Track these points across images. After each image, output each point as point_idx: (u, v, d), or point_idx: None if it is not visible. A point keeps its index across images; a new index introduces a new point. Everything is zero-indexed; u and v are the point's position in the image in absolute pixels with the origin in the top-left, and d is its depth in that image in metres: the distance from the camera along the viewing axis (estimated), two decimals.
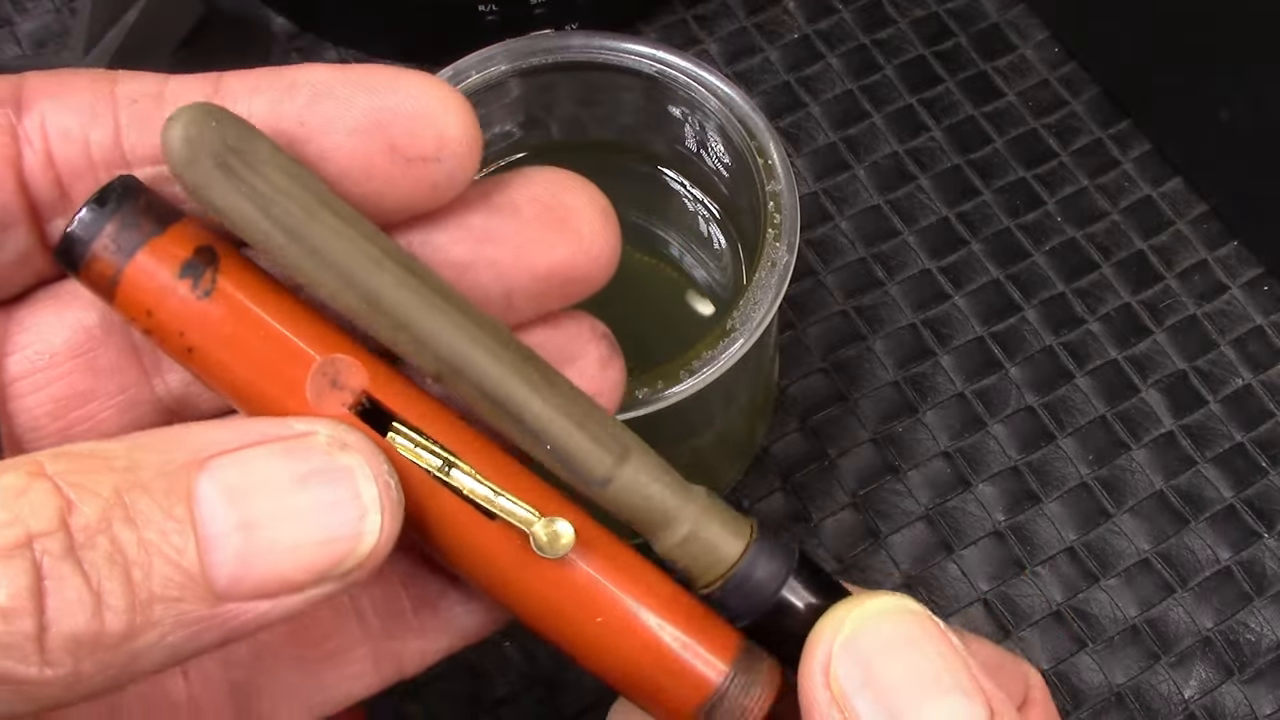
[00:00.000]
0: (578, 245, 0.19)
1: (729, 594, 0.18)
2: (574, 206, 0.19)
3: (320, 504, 0.15)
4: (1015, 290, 0.37)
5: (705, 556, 0.18)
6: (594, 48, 0.29)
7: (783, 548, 0.18)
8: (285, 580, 0.15)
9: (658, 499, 0.18)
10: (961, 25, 0.41)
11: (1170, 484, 0.35)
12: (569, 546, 0.17)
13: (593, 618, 0.18)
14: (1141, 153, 0.39)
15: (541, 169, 0.19)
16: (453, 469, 0.17)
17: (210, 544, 0.15)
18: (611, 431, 0.18)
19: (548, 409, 0.17)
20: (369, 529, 0.16)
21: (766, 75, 0.40)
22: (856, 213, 0.38)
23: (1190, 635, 0.33)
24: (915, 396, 0.36)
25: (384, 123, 0.17)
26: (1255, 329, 0.37)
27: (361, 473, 0.16)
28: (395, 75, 0.17)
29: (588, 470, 0.18)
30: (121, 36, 0.34)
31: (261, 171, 0.16)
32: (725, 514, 0.18)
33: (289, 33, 0.40)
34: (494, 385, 0.17)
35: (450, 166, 0.17)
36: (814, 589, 0.18)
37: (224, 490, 0.15)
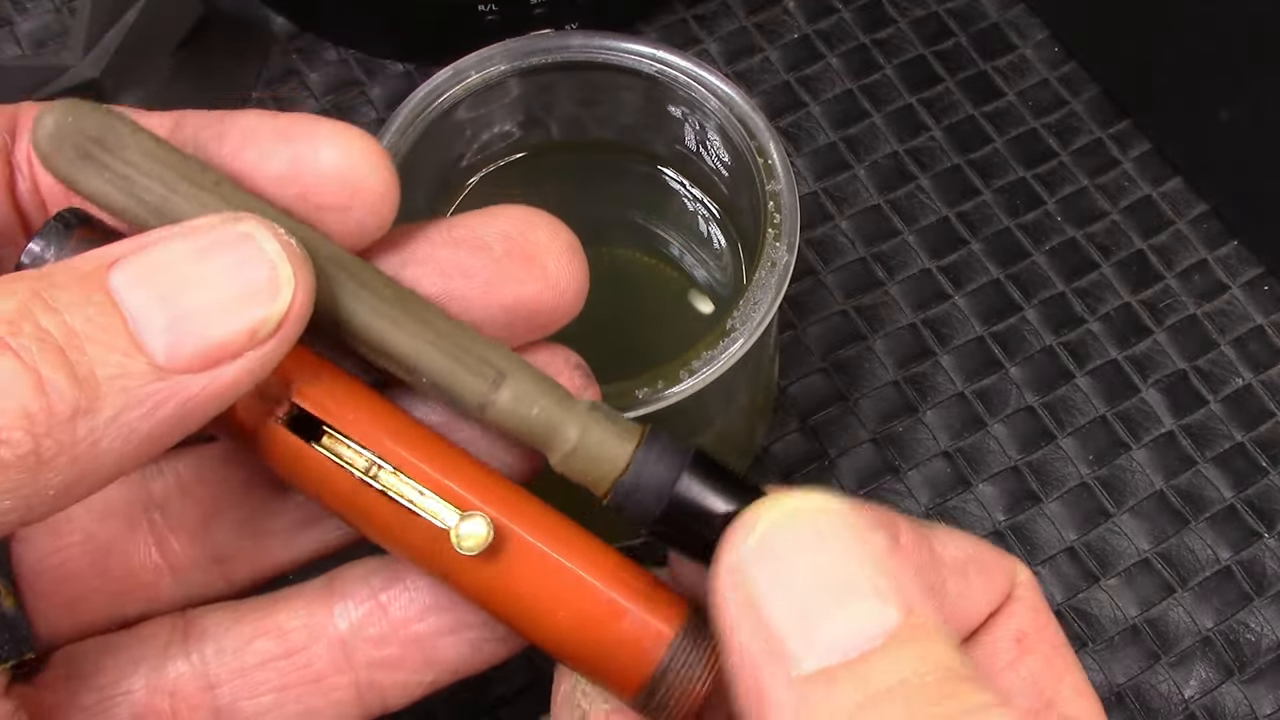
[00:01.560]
0: (544, 281, 0.19)
1: (623, 499, 0.18)
2: (540, 243, 0.19)
3: (228, 266, 0.16)
4: (1015, 290, 0.37)
5: (595, 466, 0.18)
6: (594, 48, 0.29)
7: (675, 448, 0.18)
8: (220, 343, 0.16)
9: (538, 417, 0.18)
10: (961, 25, 0.41)
11: (1170, 484, 0.35)
12: (484, 542, 0.17)
13: (530, 599, 0.18)
14: (1141, 152, 0.39)
15: (510, 207, 0.20)
16: (380, 471, 0.18)
17: (136, 321, 0.16)
18: (486, 359, 0.18)
19: (416, 342, 0.18)
20: (282, 278, 0.16)
21: (766, 75, 0.40)
22: (856, 212, 0.38)
23: (1190, 635, 0.33)
24: (915, 396, 0.36)
25: (298, 172, 0.18)
26: (1255, 329, 0.37)
27: (259, 234, 0.17)
28: (314, 126, 0.18)
29: (464, 398, 0.18)
30: (121, 36, 0.34)
31: (123, 156, 0.17)
32: (612, 423, 0.18)
33: (289, 33, 0.40)
34: (362, 325, 0.18)
35: (360, 216, 0.18)
36: (716, 486, 0.18)
37: (135, 276, 0.16)
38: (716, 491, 0.18)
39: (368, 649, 0.20)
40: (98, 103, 0.17)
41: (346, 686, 0.20)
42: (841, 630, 0.15)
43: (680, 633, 0.18)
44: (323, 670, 0.20)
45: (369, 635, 0.20)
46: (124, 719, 0.19)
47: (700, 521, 0.18)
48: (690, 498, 0.18)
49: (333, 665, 0.20)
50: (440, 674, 0.20)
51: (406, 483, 0.18)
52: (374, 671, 0.20)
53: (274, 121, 0.18)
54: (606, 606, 0.18)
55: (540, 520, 0.18)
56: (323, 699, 0.20)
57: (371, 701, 0.20)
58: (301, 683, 0.20)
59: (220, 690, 0.20)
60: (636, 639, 0.18)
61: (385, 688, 0.20)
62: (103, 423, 0.15)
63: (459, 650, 0.20)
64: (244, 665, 0.20)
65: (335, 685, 0.20)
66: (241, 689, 0.20)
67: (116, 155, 0.17)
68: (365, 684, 0.20)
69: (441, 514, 0.18)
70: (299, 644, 0.20)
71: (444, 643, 0.20)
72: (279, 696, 0.20)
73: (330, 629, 0.20)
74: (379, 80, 0.40)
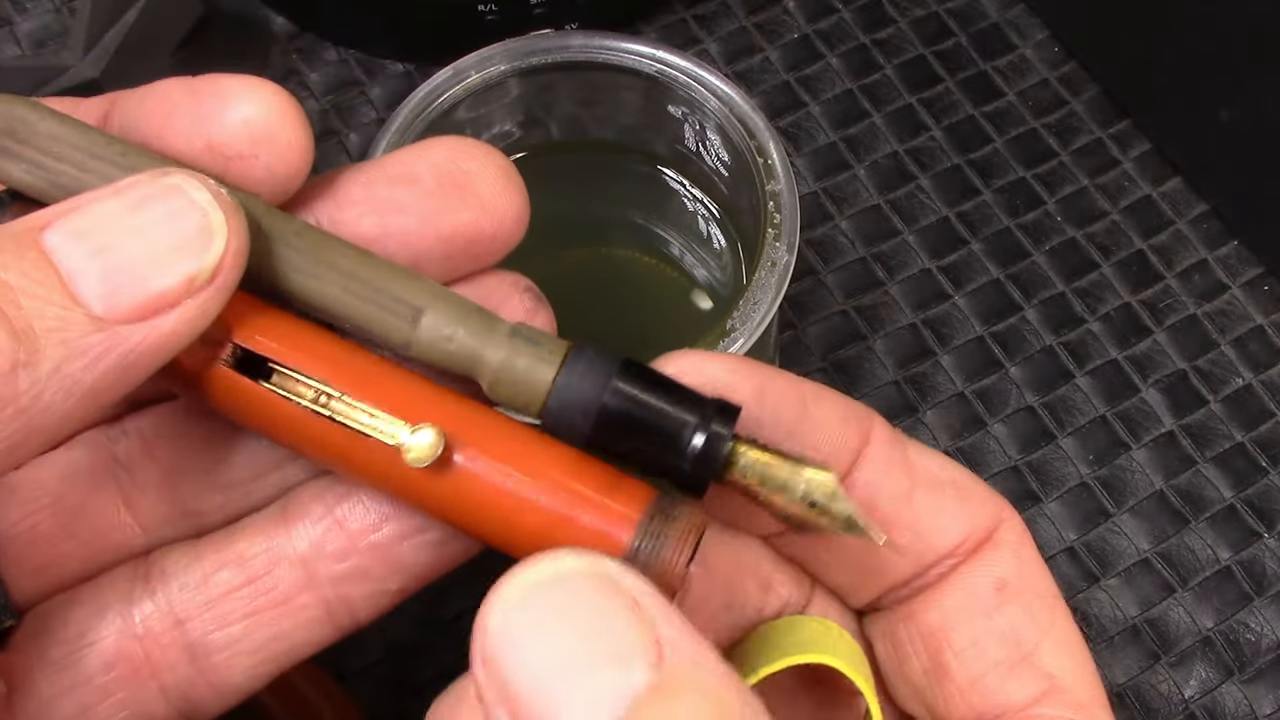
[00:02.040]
0: (479, 209, 0.19)
1: (555, 416, 0.18)
2: (472, 171, 0.19)
3: (160, 217, 0.17)
4: (1015, 290, 0.37)
5: (523, 388, 0.18)
6: (594, 47, 0.29)
7: (601, 361, 0.18)
8: (157, 293, 0.16)
9: (458, 347, 0.18)
10: (961, 25, 0.41)
11: (1170, 484, 0.35)
12: (434, 451, 0.17)
13: (489, 506, 0.18)
14: (1141, 152, 0.39)
15: (441, 138, 0.20)
16: (329, 400, 0.18)
17: (71, 275, 0.16)
18: (401, 298, 0.18)
19: (331, 290, 0.18)
20: (215, 224, 0.17)
21: (766, 75, 0.40)
22: (856, 212, 0.38)
23: (1190, 635, 0.33)
24: (915, 396, 0.36)
25: (205, 125, 0.18)
26: (1255, 329, 0.37)
27: (188, 184, 0.17)
28: (219, 80, 0.18)
29: (387, 340, 0.18)
30: (121, 36, 0.34)
31: (34, 143, 0.18)
32: (534, 344, 0.18)
33: (289, 33, 0.40)
34: (279, 279, 0.18)
35: (268, 162, 0.18)
36: (648, 390, 0.17)
37: (68, 234, 0.16)
38: (649, 401, 0.17)
39: (330, 565, 0.20)
40: (4, 94, 0.18)
41: (314, 605, 0.20)
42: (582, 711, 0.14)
43: (646, 516, 0.17)
44: (288, 592, 0.20)
45: (329, 551, 0.20)
46: (95, 668, 0.20)
47: (639, 435, 0.17)
48: (622, 410, 0.17)
49: (297, 585, 0.20)
50: (406, 580, 0.20)
51: (355, 405, 0.18)
52: (339, 586, 0.20)
53: (187, 83, 0.18)
54: (565, 502, 0.17)
55: (491, 427, 0.18)
56: (292, 620, 0.20)
57: (342, 616, 0.20)
58: (269, 607, 0.20)
59: (189, 625, 0.20)
60: (601, 529, 0.17)
61: (353, 600, 0.20)
62: (44, 375, 0.15)
63: (420, 555, 0.20)
64: (210, 598, 0.20)
65: (303, 605, 0.20)
66: (210, 621, 0.20)
67: (28, 143, 0.18)
68: (333, 599, 0.20)
69: (391, 430, 0.18)
70: (261, 569, 0.20)
71: (404, 548, 0.20)
72: (248, 624, 0.20)
73: (290, 550, 0.20)
74: (379, 80, 0.40)
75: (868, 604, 0.22)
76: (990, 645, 0.20)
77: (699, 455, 0.17)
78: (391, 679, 0.32)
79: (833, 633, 0.21)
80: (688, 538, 0.17)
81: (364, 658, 0.32)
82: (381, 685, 0.32)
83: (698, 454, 0.17)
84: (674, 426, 0.17)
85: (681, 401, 0.18)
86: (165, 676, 0.20)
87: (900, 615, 0.21)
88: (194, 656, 0.20)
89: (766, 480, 0.18)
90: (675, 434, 0.17)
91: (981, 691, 0.20)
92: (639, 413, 0.17)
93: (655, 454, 0.18)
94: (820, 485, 0.18)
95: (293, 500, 0.20)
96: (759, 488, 0.18)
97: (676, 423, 0.17)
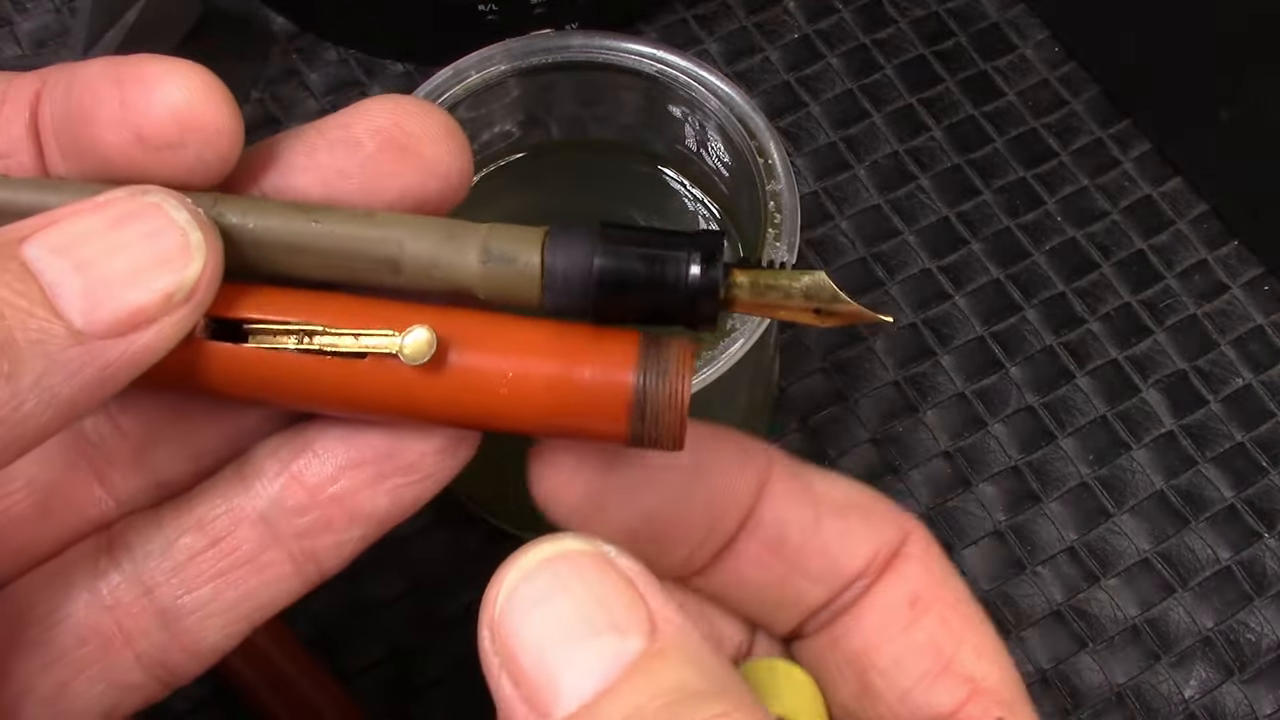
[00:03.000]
0: (422, 170, 0.19)
1: (554, 298, 0.18)
2: (414, 131, 0.19)
3: (140, 234, 0.17)
4: (1015, 290, 0.37)
5: (514, 280, 0.18)
6: (594, 47, 0.29)
7: (579, 229, 0.18)
8: (136, 309, 0.16)
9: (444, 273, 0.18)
10: (961, 25, 0.41)
11: (1170, 484, 0.35)
12: (429, 346, 0.18)
13: (492, 388, 0.18)
14: (1141, 152, 0.39)
15: (381, 98, 0.20)
16: (314, 337, 0.18)
17: (54, 288, 0.16)
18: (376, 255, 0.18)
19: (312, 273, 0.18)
20: (194, 243, 0.17)
21: (766, 75, 0.40)
22: (857, 212, 0.38)
23: (1190, 635, 0.33)
24: (915, 396, 0.36)
25: (131, 114, 0.18)
26: (1256, 329, 0.37)
27: (167, 203, 0.17)
28: (145, 65, 0.18)
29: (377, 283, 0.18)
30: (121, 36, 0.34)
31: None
32: (513, 230, 0.18)
33: (289, 32, 0.40)
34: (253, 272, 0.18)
35: (198, 150, 0.18)
36: (633, 241, 0.18)
37: (49, 247, 0.16)
38: (638, 251, 0.18)
39: (291, 519, 0.20)
40: None
41: (281, 561, 0.20)
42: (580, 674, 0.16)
43: (641, 352, 0.18)
44: (252, 550, 0.20)
45: (289, 506, 0.20)
46: (69, 643, 0.20)
47: (640, 287, 0.18)
48: (615, 267, 0.18)
49: (261, 543, 0.20)
50: (368, 528, 0.20)
51: (340, 334, 0.18)
52: (302, 540, 0.20)
53: (111, 68, 0.18)
54: (563, 363, 0.18)
55: (474, 318, 0.18)
56: (259, 578, 0.20)
57: (309, 569, 0.20)
58: (235, 567, 0.20)
59: (159, 592, 0.20)
60: (604, 378, 0.18)
61: (318, 552, 0.20)
62: (25, 387, 0.15)
63: (379, 502, 0.20)
64: (175, 564, 0.20)
65: (269, 562, 0.20)
66: (178, 586, 0.20)
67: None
68: (297, 553, 0.20)
69: (382, 342, 0.18)
70: (224, 530, 0.20)
71: (363, 497, 0.20)
72: (216, 585, 0.20)
73: (250, 509, 0.20)
74: (379, 80, 0.40)
75: (791, 631, 0.22)
76: (912, 660, 0.21)
77: (700, 286, 0.18)
78: (392, 679, 0.32)
79: (779, 675, 0.21)
80: (685, 361, 0.18)
81: (364, 658, 0.32)
82: (382, 685, 0.32)
83: (698, 285, 0.18)
84: (670, 266, 0.18)
85: (668, 241, 0.18)
86: (139, 644, 0.20)
87: (824, 642, 0.22)
88: (165, 622, 0.20)
89: (766, 296, 0.18)
90: (673, 273, 0.18)
91: (910, 705, 0.21)
92: (633, 264, 0.18)
93: (658, 300, 0.18)
94: (819, 290, 0.18)
95: (248, 459, 0.21)
96: (761, 305, 0.18)
97: (671, 261, 0.18)
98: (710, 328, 0.18)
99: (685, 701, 0.15)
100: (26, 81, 0.19)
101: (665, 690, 0.15)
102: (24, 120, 0.19)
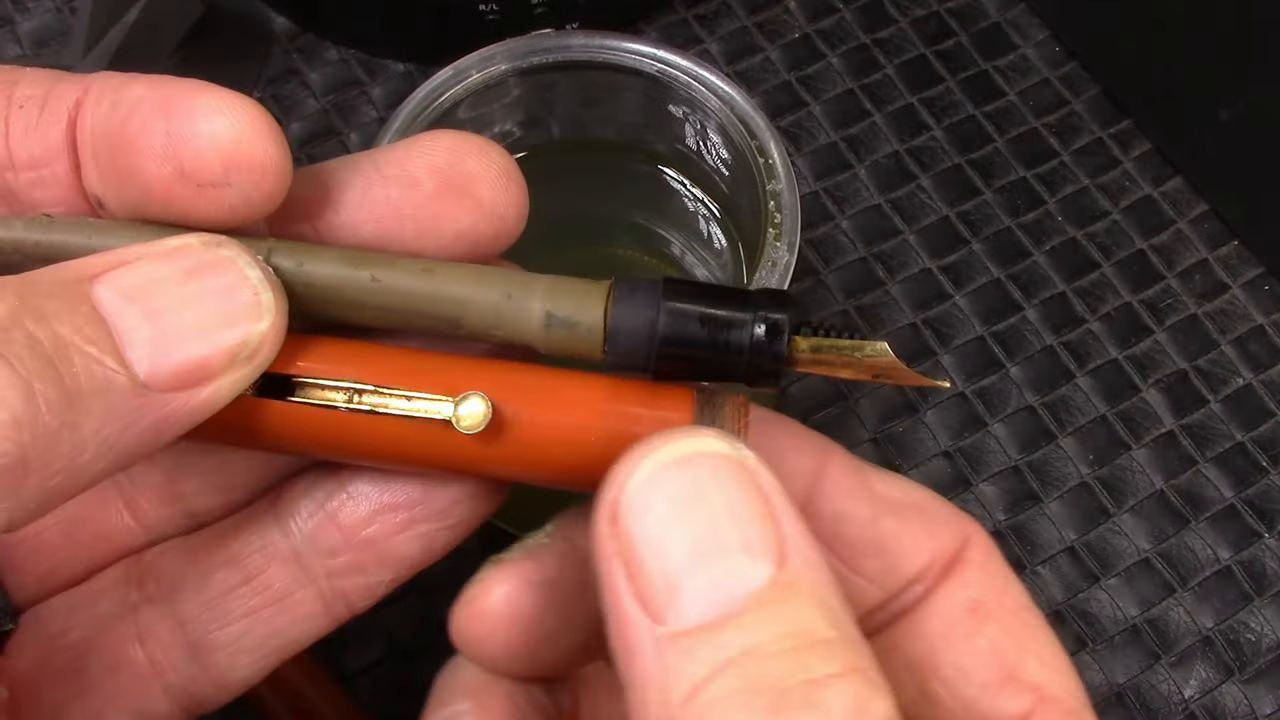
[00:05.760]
0: (479, 212, 0.19)
1: (618, 354, 0.18)
2: (472, 173, 0.19)
3: (213, 289, 0.16)
4: (1016, 290, 0.37)
5: (576, 341, 0.18)
6: (594, 47, 0.29)
7: (643, 285, 0.18)
8: (201, 364, 0.16)
9: (505, 334, 0.18)
10: (962, 25, 0.41)
11: (1170, 484, 0.35)
12: (485, 418, 0.17)
13: (547, 451, 0.18)
14: (1141, 152, 0.39)
15: (440, 133, 0.19)
16: (363, 395, 0.18)
17: (123, 336, 0.16)
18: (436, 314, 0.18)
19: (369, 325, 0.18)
20: (264, 302, 0.17)
21: (767, 74, 0.40)
22: (857, 212, 0.38)
23: (1190, 635, 0.33)
24: (916, 396, 0.36)
25: (176, 148, 0.17)
26: (1256, 328, 0.37)
27: (242, 259, 0.17)
28: (193, 95, 0.17)
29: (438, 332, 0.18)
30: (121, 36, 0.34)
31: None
32: (574, 287, 0.18)
33: (289, 32, 0.40)
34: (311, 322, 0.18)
35: (243, 190, 0.17)
36: (697, 299, 0.18)
37: (121, 292, 0.16)
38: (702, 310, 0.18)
39: (323, 560, 0.20)
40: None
41: (311, 600, 0.20)
42: (704, 590, 0.15)
43: (696, 409, 0.18)
44: (285, 588, 0.20)
45: (322, 547, 0.20)
46: (99, 673, 0.20)
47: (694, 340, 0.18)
48: (679, 326, 0.18)
49: (294, 582, 0.20)
50: (399, 571, 0.20)
51: (391, 393, 0.18)
52: (334, 580, 0.20)
53: (158, 91, 0.17)
54: (618, 421, 0.18)
55: (527, 376, 0.18)
56: (289, 615, 0.20)
57: (338, 608, 0.21)
58: (267, 604, 0.20)
59: (190, 626, 0.20)
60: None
61: (348, 593, 0.20)
62: (85, 436, 0.15)
63: (411, 547, 0.20)
64: (208, 599, 0.20)
65: (300, 600, 0.20)
66: (210, 621, 0.20)
67: None
68: (328, 593, 0.20)
69: (435, 407, 0.17)
70: (257, 568, 0.20)
71: (396, 542, 0.20)
72: (248, 622, 0.20)
73: (285, 548, 0.20)
74: (379, 80, 0.40)
75: None
76: (974, 668, 0.20)
77: (763, 347, 0.18)
78: (392, 679, 0.32)
79: None
80: (740, 417, 0.18)
81: (365, 658, 0.32)
82: (382, 686, 0.32)
83: (762, 345, 0.18)
84: (734, 331, 0.18)
85: (732, 300, 0.18)
86: (168, 676, 0.20)
87: (883, 647, 0.21)
88: (195, 655, 0.20)
89: (831, 361, 0.18)
90: (737, 339, 0.18)
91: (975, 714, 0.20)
92: (696, 328, 0.18)
93: (721, 361, 0.18)
94: (882, 363, 0.18)
95: (283, 496, 0.20)
96: (824, 368, 0.18)
97: (736, 325, 0.18)
98: (774, 388, 0.18)
99: (810, 650, 0.14)
100: (69, 87, 0.18)
101: (791, 632, 0.14)
102: (62, 128, 0.18)
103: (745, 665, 0.14)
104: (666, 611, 0.15)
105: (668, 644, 0.15)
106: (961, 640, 0.20)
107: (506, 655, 0.19)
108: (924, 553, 0.20)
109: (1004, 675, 0.20)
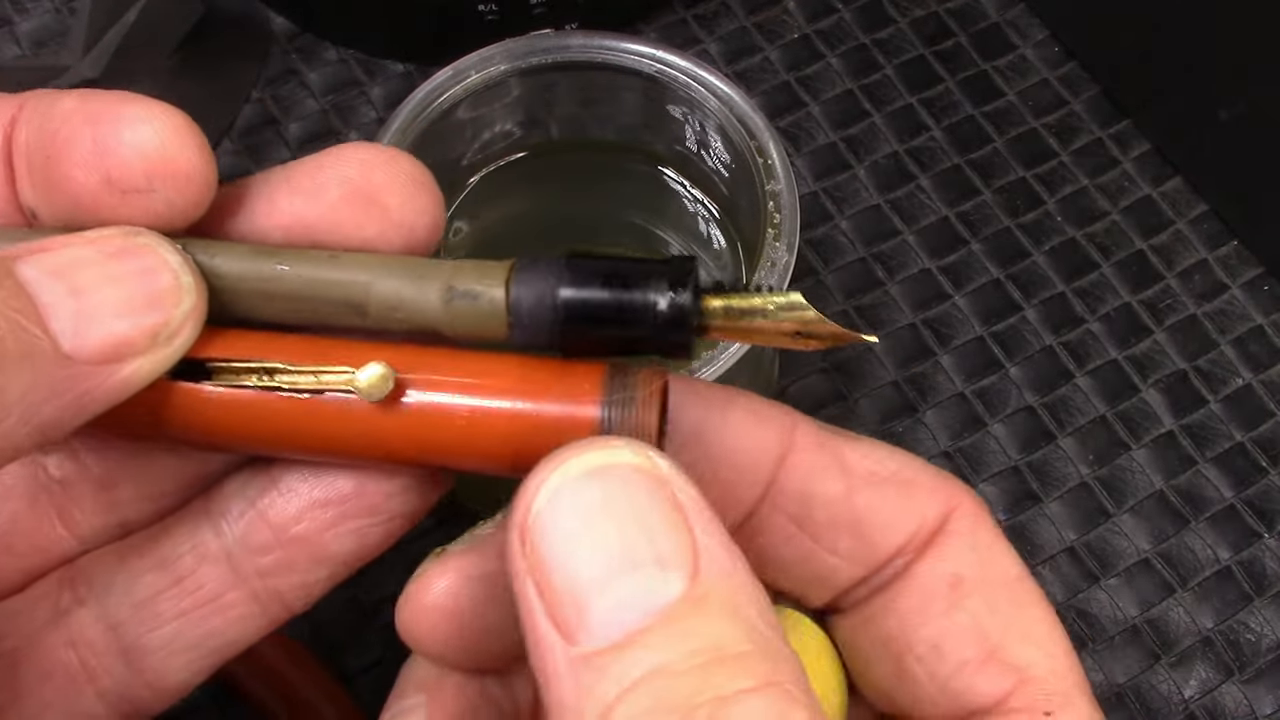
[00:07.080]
0: (385, 222, 0.19)
1: (521, 333, 0.18)
2: (380, 182, 0.19)
3: (135, 270, 0.17)
4: (1015, 290, 0.37)
5: (479, 316, 0.18)
6: (594, 47, 0.29)
7: (545, 261, 0.18)
8: (123, 340, 0.16)
9: (407, 315, 0.18)
10: (961, 25, 0.41)
11: (1170, 484, 0.35)
12: (386, 381, 0.17)
13: (452, 424, 0.18)
14: (1141, 152, 0.39)
15: (355, 146, 0.19)
16: (273, 375, 0.18)
17: (47, 309, 0.16)
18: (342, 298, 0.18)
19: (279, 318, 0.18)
20: (185, 285, 0.17)
21: (766, 75, 0.40)
22: (856, 212, 0.38)
23: (1190, 635, 0.33)
24: (915, 396, 0.36)
25: (102, 156, 0.17)
26: (1255, 328, 0.37)
27: (160, 245, 0.17)
28: (120, 106, 0.18)
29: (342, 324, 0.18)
30: (121, 36, 0.34)
31: None
32: (479, 265, 0.18)
33: (289, 33, 0.40)
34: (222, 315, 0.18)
35: (167, 196, 0.17)
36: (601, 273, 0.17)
37: (45, 270, 0.16)
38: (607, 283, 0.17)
39: (255, 559, 0.20)
40: None
41: (244, 600, 0.20)
42: (612, 608, 0.14)
43: (605, 385, 0.17)
44: (216, 589, 0.20)
45: (253, 546, 0.20)
46: (32, 680, 0.19)
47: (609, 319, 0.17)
48: (583, 299, 0.17)
49: (225, 582, 0.20)
50: (334, 569, 0.20)
51: (300, 370, 0.18)
52: (266, 580, 0.20)
53: (87, 104, 0.18)
54: (525, 397, 0.17)
55: (432, 354, 0.18)
56: (223, 616, 0.20)
57: (274, 608, 0.20)
58: (198, 605, 0.20)
59: (122, 630, 0.20)
60: (567, 413, 0.17)
61: (283, 593, 0.20)
62: (10, 401, 0.15)
63: (343, 544, 0.20)
64: (139, 601, 0.20)
65: (233, 601, 0.20)
66: (142, 624, 0.20)
67: None
68: (262, 593, 0.20)
69: (339, 379, 0.18)
70: (188, 569, 0.20)
71: (327, 538, 0.20)
72: (180, 624, 0.20)
73: (215, 547, 0.20)
74: (379, 80, 0.40)
75: (825, 606, 0.21)
76: (952, 646, 0.19)
77: (669, 316, 0.17)
78: (392, 679, 0.32)
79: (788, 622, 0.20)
80: (652, 396, 0.17)
81: (364, 658, 0.32)
82: (382, 686, 0.32)
83: (667, 314, 0.17)
84: (637, 296, 0.17)
85: (636, 270, 0.17)
86: (102, 681, 0.20)
87: (859, 620, 0.21)
88: (129, 659, 0.20)
89: (741, 321, 0.18)
90: (640, 303, 0.17)
91: (950, 693, 0.19)
92: (598, 295, 0.17)
93: (631, 332, 0.17)
94: (799, 316, 0.18)
95: (215, 495, 0.20)
96: (738, 330, 0.18)
97: (639, 291, 0.17)
98: (685, 357, 0.18)
99: (720, 666, 0.14)
100: (4, 104, 0.19)
101: (700, 648, 0.14)
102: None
103: (654, 684, 0.14)
104: (578, 631, 0.14)
105: (581, 665, 0.14)
106: (938, 616, 0.19)
107: (450, 649, 0.19)
108: (904, 526, 0.20)
109: (985, 654, 0.19)
